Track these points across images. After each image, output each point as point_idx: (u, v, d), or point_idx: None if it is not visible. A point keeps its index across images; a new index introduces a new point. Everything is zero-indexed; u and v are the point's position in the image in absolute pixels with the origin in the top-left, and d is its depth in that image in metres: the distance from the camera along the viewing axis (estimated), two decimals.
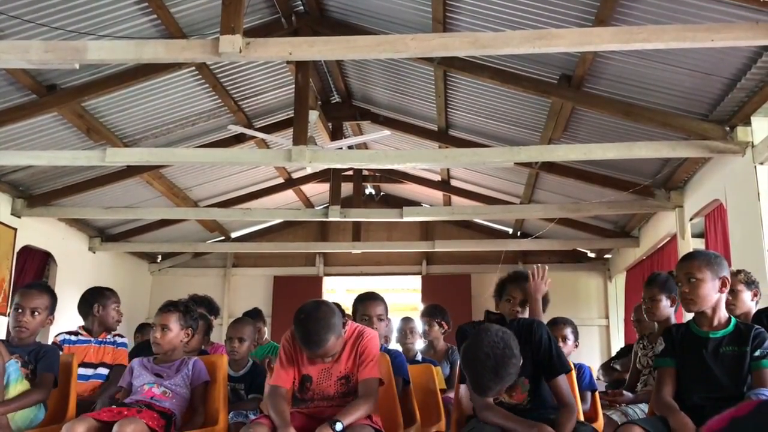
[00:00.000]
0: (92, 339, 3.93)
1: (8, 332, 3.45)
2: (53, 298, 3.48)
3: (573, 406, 2.74)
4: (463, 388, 3.09)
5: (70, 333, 3.98)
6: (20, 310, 3.33)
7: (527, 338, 2.77)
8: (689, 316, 2.85)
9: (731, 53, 4.28)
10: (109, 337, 3.98)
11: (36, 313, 3.33)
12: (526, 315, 3.19)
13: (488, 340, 2.54)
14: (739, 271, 3.50)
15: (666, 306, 3.62)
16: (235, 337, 3.99)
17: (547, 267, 3.22)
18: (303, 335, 2.76)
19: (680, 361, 2.75)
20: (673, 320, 3.63)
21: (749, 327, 2.72)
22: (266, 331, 5.73)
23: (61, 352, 3.55)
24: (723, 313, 2.75)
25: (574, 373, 3.46)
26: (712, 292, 2.71)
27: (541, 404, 2.80)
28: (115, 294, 4.11)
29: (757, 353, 2.61)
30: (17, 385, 3.12)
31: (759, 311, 3.35)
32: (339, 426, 2.60)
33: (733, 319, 2.75)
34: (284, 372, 2.86)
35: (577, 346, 4.20)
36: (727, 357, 2.66)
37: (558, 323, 4.12)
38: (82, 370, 3.74)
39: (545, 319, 3.26)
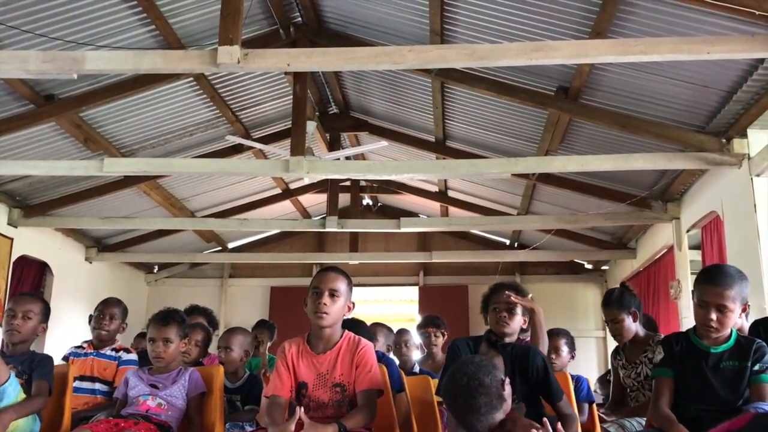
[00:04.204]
0: (92, 351, 3.89)
1: (3, 343, 3.43)
2: (46, 307, 3.46)
3: (573, 417, 2.77)
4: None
5: (77, 347, 3.97)
6: (12, 314, 3.30)
7: (523, 364, 2.80)
8: (683, 326, 2.84)
9: (727, 66, 4.30)
10: (107, 350, 3.90)
11: (28, 318, 3.29)
12: (514, 323, 3.18)
13: (453, 379, 2.44)
14: None
15: (630, 324, 3.58)
16: (223, 346, 3.98)
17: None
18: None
19: (679, 372, 2.73)
20: (641, 332, 3.60)
21: (750, 341, 2.70)
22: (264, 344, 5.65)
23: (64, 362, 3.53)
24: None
25: (571, 385, 3.47)
26: (736, 319, 2.69)
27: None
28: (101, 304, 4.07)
29: (757, 367, 2.60)
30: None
31: (756, 322, 3.32)
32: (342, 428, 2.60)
33: (734, 333, 2.72)
34: (282, 382, 2.84)
35: (573, 357, 4.19)
36: (728, 372, 2.64)
37: (552, 334, 4.11)
38: (78, 383, 3.69)
39: None
